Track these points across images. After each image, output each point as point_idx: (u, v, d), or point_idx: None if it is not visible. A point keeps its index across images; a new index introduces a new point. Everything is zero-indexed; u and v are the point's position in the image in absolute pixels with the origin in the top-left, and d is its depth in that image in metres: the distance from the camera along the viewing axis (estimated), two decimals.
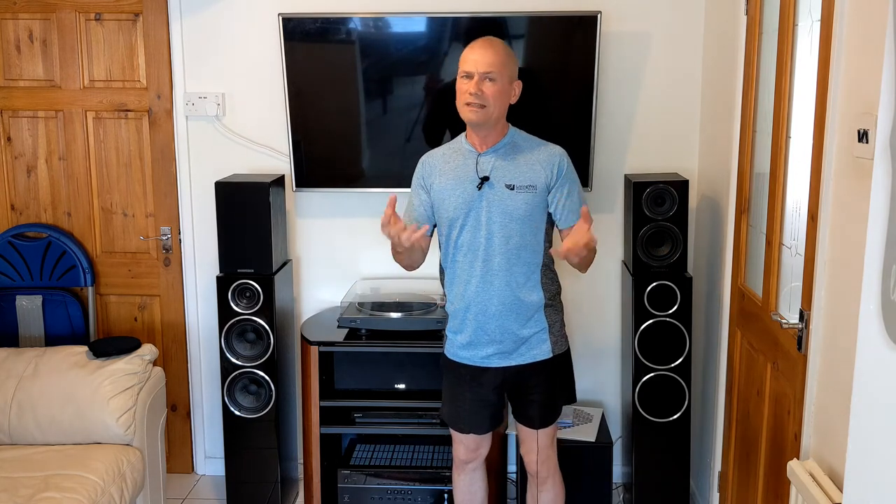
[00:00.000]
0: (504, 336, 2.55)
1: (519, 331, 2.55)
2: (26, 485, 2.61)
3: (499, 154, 2.53)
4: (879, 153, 1.41)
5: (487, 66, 2.44)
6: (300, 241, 3.55)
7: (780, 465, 2.30)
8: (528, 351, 2.57)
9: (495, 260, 2.51)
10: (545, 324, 2.58)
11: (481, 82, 2.44)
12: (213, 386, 3.64)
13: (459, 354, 2.63)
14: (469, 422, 2.68)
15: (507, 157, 2.52)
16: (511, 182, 2.49)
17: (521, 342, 2.56)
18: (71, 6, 3.42)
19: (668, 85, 3.36)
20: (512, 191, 2.49)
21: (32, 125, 3.53)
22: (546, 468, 2.70)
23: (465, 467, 2.78)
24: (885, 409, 1.37)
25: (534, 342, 2.57)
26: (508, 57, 2.49)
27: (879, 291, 1.38)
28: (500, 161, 2.52)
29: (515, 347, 2.56)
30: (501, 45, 2.51)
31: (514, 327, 2.54)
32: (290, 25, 3.20)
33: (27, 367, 3.00)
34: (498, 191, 2.49)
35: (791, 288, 2.41)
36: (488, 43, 2.49)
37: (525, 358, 2.57)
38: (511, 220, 2.49)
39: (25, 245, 3.49)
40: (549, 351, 2.58)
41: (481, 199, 2.50)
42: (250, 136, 3.48)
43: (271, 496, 3.29)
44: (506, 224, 2.50)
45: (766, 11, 2.60)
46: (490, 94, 2.44)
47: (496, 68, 2.44)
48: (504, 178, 2.50)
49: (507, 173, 2.50)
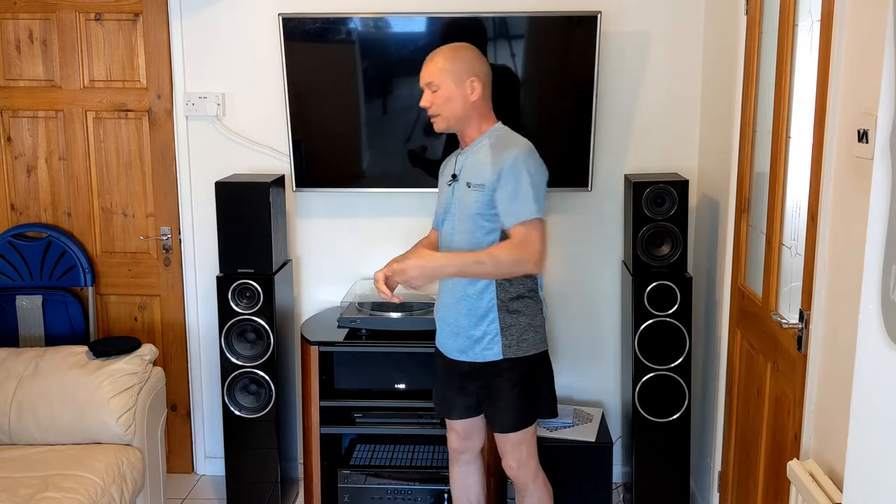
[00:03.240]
0: (459, 330, 2.60)
1: (471, 329, 2.57)
2: (26, 485, 2.61)
3: (468, 153, 2.59)
4: (879, 153, 1.41)
5: (425, 77, 2.54)
6: (300, 241, 3.55)
7: (780, 465, 2.30)
8: (481, 351, 2.57)
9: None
10: (497, 326, 2.55)
11: (427, 94, 2.54)
12: (213, 386, 3.64)
13: (438, 342, 2.73)
14: (440, 406, 2.77)
15: (473, 156, 2.56)
16: (469, 180, 2.54)
17: (475, 341, 2.58)
18: (71, 6, 3.42)
19: (668, 85, 3.36)
20: (469, 188, 2.53)
21: (32, 125, 3.53)
22: (522, 476, 2.67)
23: (460, 458, 2.81)
24: (885, 409, 1.37)
25: (485, 343, 2.56)
26: (449, 60, 2.51)
27: (879, 291, 1.38)
28: (467, 159, 2.58)
29: (470, 345, 2.59)
30: (445, 51, 2.55)
31: (466, 324, 2.57)
32: (290, 25, 3.20)
33: (27, 367, 3.00)
34: (461, 188, 2.56)
35: (791, 288, 2.41)
36: (434, 53, 2.56)
37: (477, 356, 2.58)
38: (465, 217, 2.54)
39: (25, 245, 3.49)
40: (499, 353, 2.55)
41: (452, 195, 2.60)
42: (250, 136, 3.48)
43: (271, 496, 3.29)
44: (462, 220, 2.56)
45: (766, 11, 2.60)
46: (436, 101, 2.53)
47: (434, 77, 2.52)
48: (466, 176, 2.56)
49: (469, 171, 2.55)
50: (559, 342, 3.55)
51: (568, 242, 3.48)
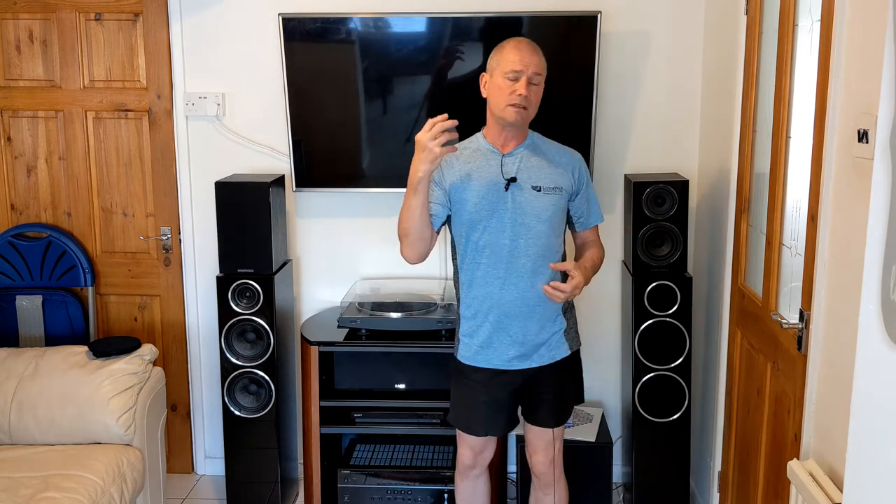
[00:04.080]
0: (525, 338, 2.53)
1: (539, 332, 2.54)
2: (26, 485, 2.61)
3: (523, 155, 2.52)
4: (879, 153, 1.41)
5: (533, 66, 2.42)
6: (300, 241, 3.55)
7: (780, 465, 2.30)
8: (548, 352, 2.57)
9: (520, 261, 2.49)
10: (564, 324, 2.59)
11: (529, 84, 2.41)
12: (213, 386, 3.64)
13: (476, 358, 2.57)
14: (485, 425, 2.64)
15: (531, 159, 2.51)
16: (538, 184, 2.48)
17: (541, 344, 2.56)
18: (71, 6, 3.42)
19: (668, 85, 3.36)
20: (539, 192, 2.48)
21: (32, 125, 3.53)
22: (551, 472, 2.70)
23: (469, 473, 2.75)
24: (885, 409, 1.37)
25: (553, 343, 2.57)
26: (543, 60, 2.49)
27: (879, 291, 1.38)
28: (525, 162, 2.50)
29: (535, 349, 2.55)
30: (538, 49, 2.49)
31: (536, 329, 2.54)
32: (290, 25, 3.20)
33: (27, 367, 3.00)
34: (525, 192, 2.48)
35: (791, 288, 2.41)
36: (534, 46, 2.47)
37: (544, 359, 2.57)
38: (539, 222, 2.48)
39: (25, 245, 3.49)
40: (566, 350, 2.60)
41: (507, 200, 2.48)
42: (250, 136, 3.48)
43: (271, 496, 3.29)
44: (533, 226, 2.48)
45: (766, 11, 2.60)
46: (534, 96, 2.45)
47: (543, 72, 2.46)
48: (530, 180, 2.49)
49: (532, 175, 2.49)
50: None
51: (568, 242, 3.46)
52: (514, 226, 2.47)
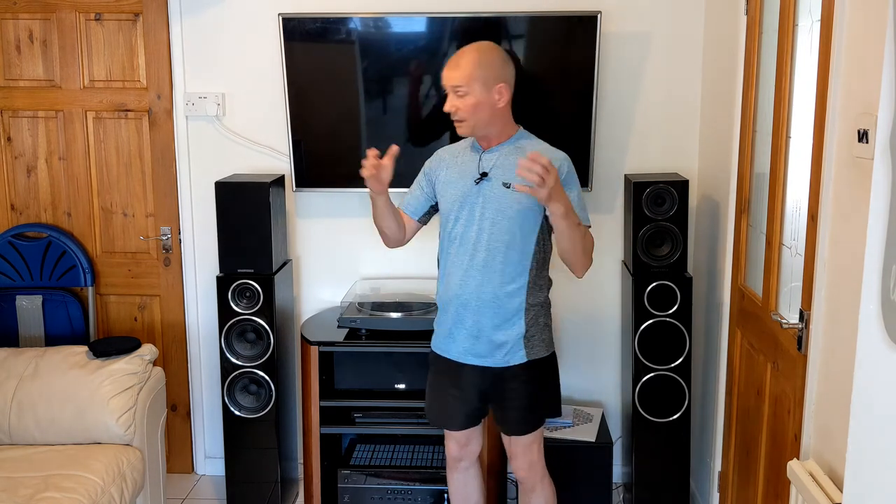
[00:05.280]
0: (480, 334, 2.53)
1: (494, 332, 2.52)
2: (26, 485, 2.61)
3: (502, 153, 2.53)
4: (879, 153, 1.41)
5: (452, 80, 2.44)
6: (300, 241, 3.55)
7: (780, 465, 2.30)
8: (503, 356, 2.54)
9: (480, 255, 2.51)
10: (523, 329, 2.53)
11: (454, 98, 2.45)
12: (213, 386, 3.64)
13: (440, 346, 2.63)
14: (441, 416, 2.69)
15: (509, 157, 2.51)
16: (508, 181, 2.48)
17: (497, 346, 2.54)
18: (71, 6, 3.42)
19: (668, 85, 3.36)
20: (508, 189, 2.48)
21: (32, 125, 3.53)
22: (531, 476, 2.68)
23: (458, 465, 2.78)
24: (885, 409, 1.37)
25: (509, 347, 2.54)
26: (478, 65, 2.43)
27: (879, 291, 1.38)
28: (501, 160, 2.52)
29: (492, 349, 2.54)
30: (474, 53, 2.46)
31: (490, 327, 2.52)
32: (290, 25, 3.20)
33: (27, 367, 3.00)
34: (495, 187, 2.49)
35: (791, 288, 2.41)
36: (458, 56, 2.47)
37: (499, 361, 2.55)
38: (502, 218, 2.49)
39: (25, 245, 3.49)
40: (522, 357, 2.54)
41: (478, 194, 2.51)
42: (250, 136, 3.48)
43: (271, 496, 3.29)
44: (497, 221, 2.49)
45: (766, 11, 2.60)
46: (464, 107, 2.44)
47: (463, 81, 2.42)
48: (503, 177, 2.49)
49: (506, 172, 2.50)
50: (559, 342, 3.55)
51: None
52: (480, 220, 2.51)
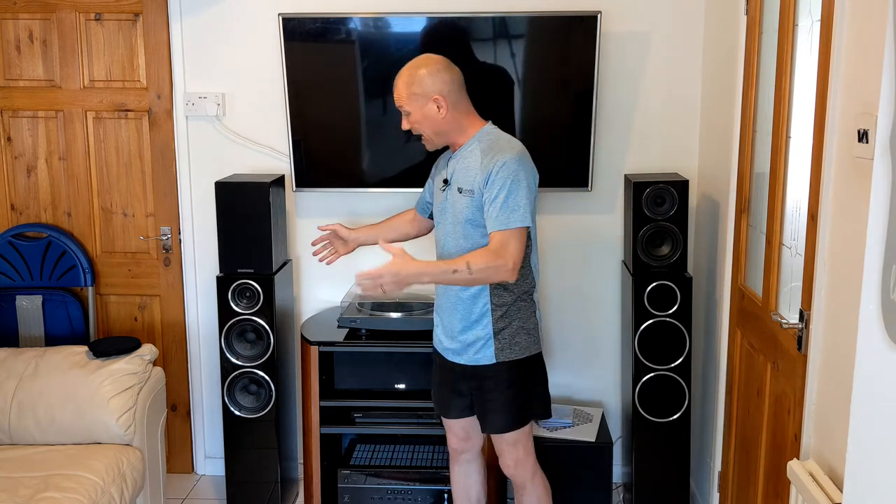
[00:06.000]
0: (452, 332, 2.60)
1: (462, 331, 2.57)
2: (26, 485, 2.61)
3: (458, 158, 2.57)
4: (879, 153, 1.41)
5: (396, 101, 2.54)
6: (300, 241, 3.55)
7: (780, 465, 2.30)
8: (473, 354, 2.57)
9: (444, 258, 2.58)
10: (490, 330, 2.53)
11: (404, 118, 2.56)
12: (213, 386, 3.64)
13: (435, 341, 2.73)
14: (438, 406, 2.78)
15: (463, 161, 2.54)
16: (461, 185, 2.52)
17: (468, 343, 2.57)
18: (71, 6, 3.42)
19: (668, 85, 3.36)
20: (460, 194, 2.52)
21: (32, 125, 3.53)
22: (519, 474, 2.69)
23: (459, 458, 2.82)
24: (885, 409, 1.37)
25: (477, 347, 2.56)
26: (407, 85, 2.49)
27: (879, 291, 1.38)
28: (457, 164, 2.56)
29: (464, 347, 2.59)
30: (404, 73, 2.52)
31: (458, 326, 2.58)
32: (290, 25, 3.20)
33: (27, 367, 3.00)
34: (453, 193, 2.55)
35: (791, 288, 2.41)
36: (397, 77, 2.54)
37: (469, 359, 2.58)
38: (457, 222, 2.53)
39: (25, 245, 3.49)
40: (491, 357, 2.54)
41: (445, 200, 2.59)
42: (250, 136, 3.48)
43: (271, 496, 3.29)
44: (454, 225, 2.54)
45: (766, 11, 2.60)
46: (412, 124, 2.55)
47: (401, 102, 2.53)
48: (458, 182, 2.54)
49: (460, 177, 2.53)
50: (559, 342, 3.55)
51: (568, 242, 3.48)
52: (444, 224, 2.59)
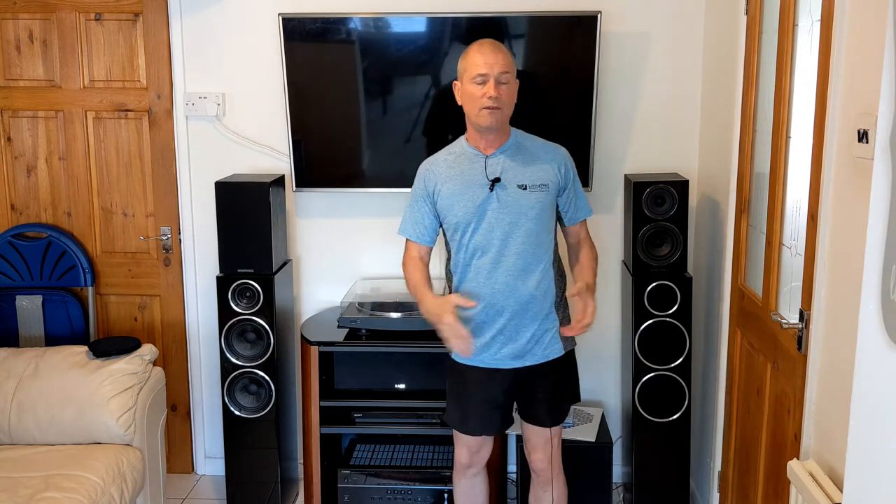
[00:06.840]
0: (518, 336, 2.54)
1: (531, 331, 2.54)
2: (26, 485, 2.61)
3: (507, 155, 2.53)
4: (879, 153, 1.41)
5: (499, 66, 2.42)
6: (300, 241, 3.55)
7: (780, 465, 2.30)
8: (541, 351, 2.56)
9: (510, 260, 2.50)
10: (557, 322, 2.58)
11: (498, 85, 2.42)
12: (213, 386, 3.64)
13: (471, 357, 2.57)
14: (478, 424, 2.65)
15: (515, 158, 2.52)
16: (523, 182, 2.49)
17: (535, 342, 2.55)
18: (71, 6, 3.42)
19: (668, 85, 3.36)
20: (525, 190, 2.49)
21: (32, 125, 3.53)
22: (548, 469, 2.71)
23: (467, 472, 2.76)
24: (885, 409, 1.37)
25: (546, 341, 2.56)
26: (509, 57, 2.49)
27: (879, 291, 1.38)
28: (508, 162, 2.52)
29: (529, 348, 2.55)
30: (500, 46, 2.50)
31: (527, 328, 2.54)
32: (290, 25, 3.20)
33: (27, 367, 3.00)
34: (511, 191, 2.49)
35: (791, 288, 2.41)
36: (496, 45, 2.47)
37: (538, 358, 2.57)
38: (526, 220, 2.49)
39: (25, 245, 3.49)
40: (560, 349, 2.59)
41: (493, 200, 2.49)
42: (250, 136, 3.48)
43: (271, 496, 3.29)
44: (521, 224, 2.49)
45: (766, 11, 2.60)
46: (506, 95, 2.45)
47: (510, 69, 2.46)
48: (515, 179, 2.50)
49: (517, 174, 2.50)
50: None
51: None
52: (503, 225, 2.49)
